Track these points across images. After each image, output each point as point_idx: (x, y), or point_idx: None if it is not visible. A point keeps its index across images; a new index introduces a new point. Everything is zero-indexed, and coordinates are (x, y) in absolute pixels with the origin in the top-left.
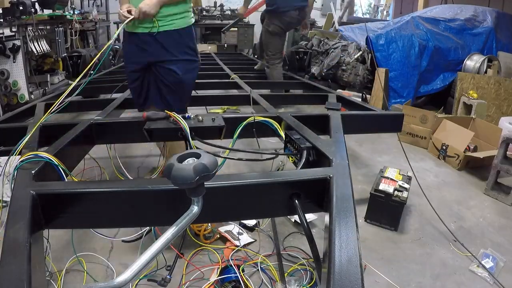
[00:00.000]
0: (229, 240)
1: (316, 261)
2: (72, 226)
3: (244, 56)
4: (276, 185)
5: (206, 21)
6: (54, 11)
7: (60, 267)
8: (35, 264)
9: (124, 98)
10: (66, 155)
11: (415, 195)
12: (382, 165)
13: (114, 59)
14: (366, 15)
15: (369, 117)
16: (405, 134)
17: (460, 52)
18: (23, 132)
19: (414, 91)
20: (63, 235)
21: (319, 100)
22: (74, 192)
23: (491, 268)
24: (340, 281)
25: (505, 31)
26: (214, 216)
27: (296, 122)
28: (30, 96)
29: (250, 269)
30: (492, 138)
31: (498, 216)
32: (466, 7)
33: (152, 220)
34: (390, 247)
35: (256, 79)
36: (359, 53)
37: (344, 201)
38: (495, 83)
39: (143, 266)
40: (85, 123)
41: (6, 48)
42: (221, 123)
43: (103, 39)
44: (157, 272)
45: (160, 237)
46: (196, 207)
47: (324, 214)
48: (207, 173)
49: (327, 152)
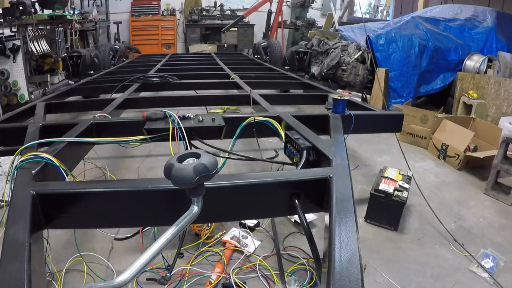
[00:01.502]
0: (237, 249)
1: (316, 261)
2: (72, 226)
3: (244, 56)
4: (276, 185)
5: (206, 21)
6: (54, 11)
7: (60, 267)
8: (35, 264)
9: (124, 98)
10: (66, 155)
11: (415, 195)
12: (382, 165)
13: (114, 59)
14: (366, 15)
15: (369, 117)
16: (405, 134)
17: (460, 52)
18: (23, 132)
19: (414, 91)
20: (63, 235)
21: (319, 100)
22: (74, 192)
23: (491, 268)
24: (340, 281)
25: (505, 31)
26: (214, 216)
27: (296, 122)
28: (30, 96)
29: (248, 272)
30: (492, 138)
31: (498, 216)
32: (466, 7)
33: (152, 220)
34: (390, 247)
35: (256, 79)
36: (359, 53)
37: (344, 201)
38: (495, 83)
39: (143, 266)
40: (85, 123)
41: (6, 48)
42: (221, 123)
43: (103, 39)
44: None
45: (160, 237)
46: (196, 207)
47: (324, 214)
48: (207, 173)
49: (327, 152)
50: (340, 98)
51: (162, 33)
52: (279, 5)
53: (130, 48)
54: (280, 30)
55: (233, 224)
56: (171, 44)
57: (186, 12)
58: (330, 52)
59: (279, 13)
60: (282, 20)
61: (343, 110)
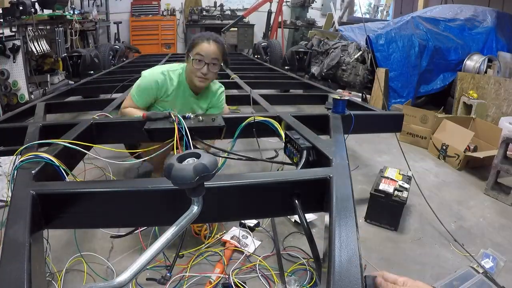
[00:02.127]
0: (237, 249)
1: (316, 261)
2: (72, 226)
3: (244, 56)
4: (276, 185)
5: (206, 21)
6: (54, 11)
7: (60, 267)
8: (35, 264)
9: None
10: (66, 155)
11: (415, 195)
12: (382, 165)
13: (114, 59)
14: (366, 15)
15: (369, 117)
16: (405, 134)
17: (460, 52)
18: (23, 132)
19: (414, 91)
20: (63, 235)
21: (319, 100)
22: (74, 192)
23: (491, 268)
24: (340, 281)
25: (505, 31)
26: (214, 216)
27: (296, 122)
28: (30, 96)
29: (248, 272)
30: (492, 138)
31: (498, 216)
32: (466, 7)
33: (152, 220)
34: (390, 247)
35: (256, 79)
36: (359, 53)
37: (344, 201)
38: (495, 83)
39: (143, 266)
40: (85, 123)
41: (6, 48)
42: (221, 123)
43: (103, 39)
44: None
45: (160, 237)
46: (196, 207)
47: (324, 214)
48: (207, 173)
49: (327, 152)
50: (340, 98)
51: (162, 33)
52: (279, 5)
53: (130, 48)
54: (280, 30)
55: (233, 224)
56: (171, 44)
57: (186, 12)
58: (330, 52)
59: (279, 13)
60: (282, 20)
61: (343, 110)
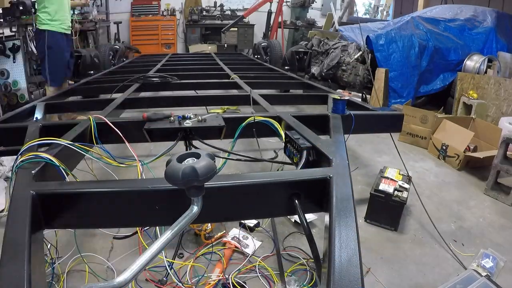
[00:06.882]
0: (237, 249)
1: (316, 261)
2: (72, 226)
3: (244, 56)
4: (276, 185)
5: (206, 21)
6: None
7: (60, 267)
8: (35, 264)
9: (124, 98)
10: (66, 155)
11: (415, 195)
12: (382, 165)
13: (114, 59)
14: (366, 15)
15: (369, 117)
16: (405, 134)
17: (460, 52)
18: (23, 132)
19: (414, 91)
20: (63, 235)
21: (319, 100)
22: (74, 192)
23: (491, 268)
24: (340, 281)
25: (505, 31)
26: (214, 216)
27: (296, 122)
28: (30, 96)
29: (248, 272)
30: (492, 138)
31: (498, 216)
32: (466, 7)
33: (152, 220)
34: (390, 247)
35: (256, 79)
36: (359, 53)
37: (344, 201)
38: (495, 83)
39: (143, 266)
40: (85, 123)
41: (6, 48)
42: (221, 123)
43: (103, 39)
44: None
45: (160, 237)
46: (196, 207)
47: (324, 214)
48: (207, 173)
49: (327, 152)
50: (340, 98)
51: (162, 33)
52: (279, 5)
53: (130, 48)
54: (280, 30)
55: (233, 224)
56: (171, 44)
57: (186, 12)
58: (330, 52)
59: (279, 13)
60: (282, 20)
61: (343, 110)
